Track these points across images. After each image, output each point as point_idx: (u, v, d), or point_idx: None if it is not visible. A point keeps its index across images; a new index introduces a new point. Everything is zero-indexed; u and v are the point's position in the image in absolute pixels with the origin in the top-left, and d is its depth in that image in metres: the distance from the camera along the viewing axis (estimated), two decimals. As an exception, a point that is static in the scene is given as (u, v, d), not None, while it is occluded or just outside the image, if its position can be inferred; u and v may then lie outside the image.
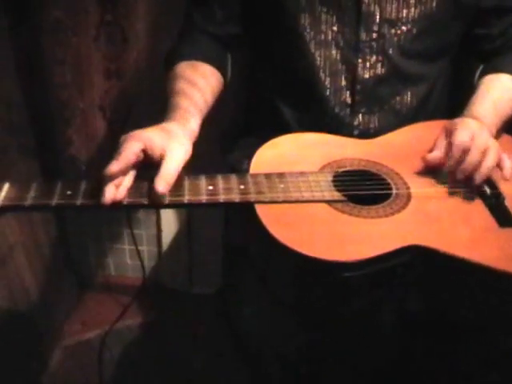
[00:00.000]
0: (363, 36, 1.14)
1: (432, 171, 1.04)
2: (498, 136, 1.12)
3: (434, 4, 1.12)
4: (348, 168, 1.05)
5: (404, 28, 1.13)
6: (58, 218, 1.82)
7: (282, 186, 0.97)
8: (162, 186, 0.89)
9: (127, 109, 1.60)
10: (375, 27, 1.13)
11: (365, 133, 1.19)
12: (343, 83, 1.18)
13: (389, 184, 1.03)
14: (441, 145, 1.04)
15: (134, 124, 0.98)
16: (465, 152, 0.99)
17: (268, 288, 1.04)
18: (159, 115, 1.03)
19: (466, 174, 1.00)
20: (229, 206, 0.97)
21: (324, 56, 1.16)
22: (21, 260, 1.61)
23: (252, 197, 0.95)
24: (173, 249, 1.92)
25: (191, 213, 1.83)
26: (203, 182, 0.96)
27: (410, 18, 1.13)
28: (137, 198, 0.92)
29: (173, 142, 0.93)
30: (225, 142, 1.42)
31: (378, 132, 1.18)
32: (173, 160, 0.91)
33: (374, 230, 0.93)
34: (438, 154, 1.03)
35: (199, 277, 1.94)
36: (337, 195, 0.98)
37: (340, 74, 1.17)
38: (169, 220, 1.87)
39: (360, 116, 1.19)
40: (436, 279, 0.93)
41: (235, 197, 0.94)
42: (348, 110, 1.19)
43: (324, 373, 1.08)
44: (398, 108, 1.21)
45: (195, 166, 0.96)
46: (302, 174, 1.01)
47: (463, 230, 0.95)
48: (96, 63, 1.53)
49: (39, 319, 1.68)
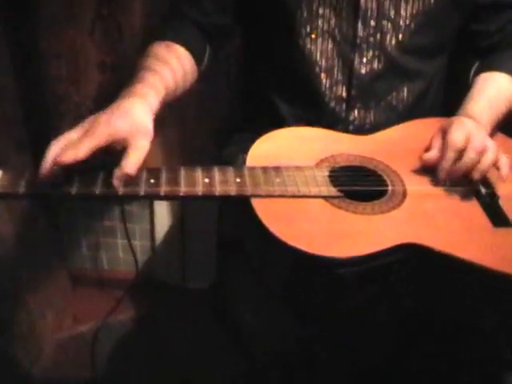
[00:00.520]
0: (360, 31, 1.13)
1: (428, 169, 1.04)
2: (493, 134, 1.12)
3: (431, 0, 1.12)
4: (345, 164, 1.05)
5: (402, 23, 1.13)
6: (51, 211, 1.81)
7: (278, 180, 0.97)
8: (118, 182, 0.88)
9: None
10: (373, 22, 1.13)
11: (360, 128, 1.19)
12: (339, 78, 1.17)
13: (385, 181, 1.03)
14: (437, 144, 1.04)
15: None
16: (460, 152, 0.99)
17: (263, 283, 1.03)
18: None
19: (460, 175, 1.00)
20: (225, 199, 0.96)
21: (320, 50, 1.15)
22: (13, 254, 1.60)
23: (248, 190, 0.94)
24: (166, 243, 1.91)
25: (185, 207, 1.82)
26: (199, 173, 0.96)
27: (407, 14, 1.13)
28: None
29: (137, 133, 0.90)
30: (220, 137, 1.41)
31: (374, 128, 1.18)
32: (135, 153, 0.89)
33: (369, 227, 0.93)
34: (433, 153, 1.03)
35: (192, 271, 1.94)
36: (333, 191, 0.98)
37: (336, 68, 1.17)
38: (162, 214, 1.86)
39: (355, 111, 1.19)
40: (430, 277, 0.93)
41: (231, 189, 0.94)
42: (344, 104, 1.19)
43: (319, 368, 1.08)
44: (394, 104, 1.21)
45: (191, 160, 0.96)
46: (298, 168, 1.01)
47: (458, 229, 0.96)
48: (91, 57, 1.53)
49: (31, 313, 1.68)
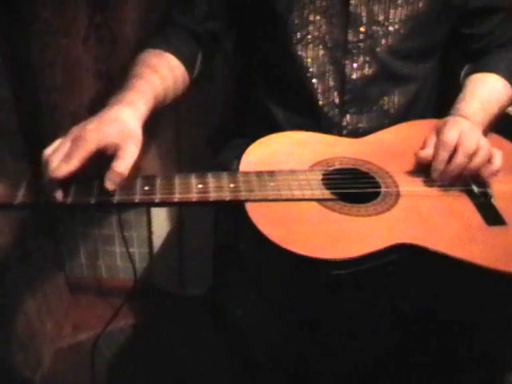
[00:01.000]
0: (351, 37, 1.14)
1: (421, 170, 1.06)
2: (485, 135, 1.12)
3: (421, 4, 1.13)
4: (338, 166, 1.06)
5: (391, 28, 1.14)
6: (50, 220, 1.82)
7: (272, 184, 0.98)
8: (110, 184, 0.88)
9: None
10: (363, 28, 1.14)
11: (354, 133, 1.20)
12: (332, 84, 1.18)
13: (378, 182, 1.04)
14: (431, 143, 1.05)
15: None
16: (452, 151, 1.00)
17: (259, 287, 1.04)
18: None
19: (452, 175, 1.01)
20: (219, 204, 0.97)
21: (312, 57, 1.16)
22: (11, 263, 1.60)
23: (242, 195, 0.95)
24: (164, 251, 1.91)
25: (182, 215, 1.83)
26: (193, 180, 0.96)
27: (397, 19, 1.13)
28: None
29: (127, 138, 0.91)
30: (215, 143, 1.42)
31: (367, 132, 1.19)
32: (125, 156, 0.89)
33: (364, 229, 0.94)
34: (428, 151, 1.04)
35: (190, 278, 1.94)
36: (327, 193, 0.98)
37: (328, 74, 1.18)
38: (160, 222, 1.86)
39: (348, 116, 1.20)
40: (425, 276, 0.94)
41: (226, 195, 0.95)
42: (337, 110, 1.20)
43: (315, 370, 1.08)
44: (386, 108, 1.21)
45: (185, 166, 0.97)
46: (292, 172, 1.01)
47: (451, 229, 0.96)
48: (86, 65, 1.53)
49: (31, 322, 1.68)
